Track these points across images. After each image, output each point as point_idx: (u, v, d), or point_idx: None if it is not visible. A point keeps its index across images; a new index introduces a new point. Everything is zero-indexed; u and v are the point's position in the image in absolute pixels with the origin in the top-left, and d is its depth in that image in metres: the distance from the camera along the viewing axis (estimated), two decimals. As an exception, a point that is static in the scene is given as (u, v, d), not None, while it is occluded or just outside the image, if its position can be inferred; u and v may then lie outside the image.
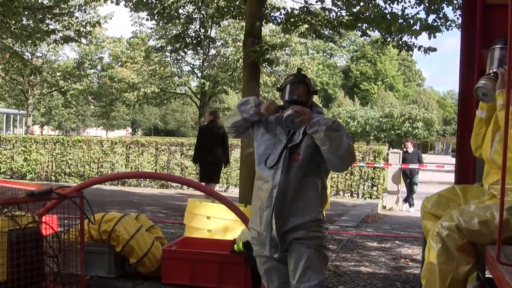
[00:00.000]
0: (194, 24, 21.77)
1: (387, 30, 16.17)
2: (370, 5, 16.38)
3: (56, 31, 23.56)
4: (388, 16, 16.12)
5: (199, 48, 31.80)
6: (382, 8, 16.52)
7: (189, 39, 20.21)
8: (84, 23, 23.93)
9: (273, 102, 5.23)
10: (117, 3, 17.40)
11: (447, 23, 16.95)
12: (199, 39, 20.73)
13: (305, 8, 18.27)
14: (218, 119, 16.22)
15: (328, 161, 4.96)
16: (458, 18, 16.43)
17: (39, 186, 8.10)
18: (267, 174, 5.15)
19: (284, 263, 5.23)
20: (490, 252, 3.75)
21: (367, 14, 16.39)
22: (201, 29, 21.78)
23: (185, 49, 20.77)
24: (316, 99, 55.97)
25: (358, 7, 16.40)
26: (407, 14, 16.26)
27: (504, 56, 4.53)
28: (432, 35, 15.90)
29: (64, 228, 7.53)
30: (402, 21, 15.91)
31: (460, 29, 8.12)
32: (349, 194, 24.67)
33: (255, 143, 5.37)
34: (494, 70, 4.62)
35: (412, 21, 16.00)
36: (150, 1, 19.05)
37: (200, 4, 19.50)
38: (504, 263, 3.21)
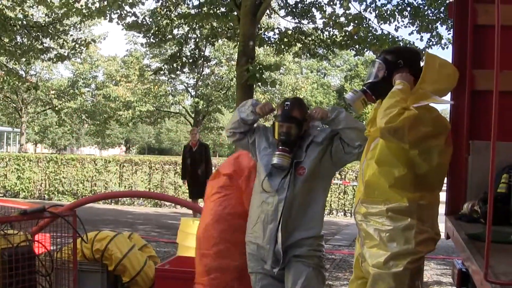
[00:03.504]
0: (189, 44, 21.84)
1: (378, 51, 16.26)
2: (362, 26, 16.48)
3: (51, 49, 23.60)
4: (378, 37, 16.25)
5: (194, 67, 31.89)
6: (373, 30, 16.64)
7: (185, 58, 20.28)
8: (79, 42, 23.92)
9: (268, 103, 5.52)
10: (111, 20, 17.45)
11: (442, 42, 17.08)
12: (195, 58, 20.79)
13: (298, 28, 18.36)
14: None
15: (358, 138, 5.13)
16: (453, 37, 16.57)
17: (32, 204, 8.10)
18: (273, 187, 5.21)
19: (280, 280, 5.26)
20: (478, 269, 3.76)
21: (359, 35, 16.50)
22: (196, 49, 21.87)
23: (183, 69, 20.80)
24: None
25: (349, 27, 16.50)
26: (397, 36, 16.38)
27: (379, 70, 4.65)
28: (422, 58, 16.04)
29: (56, 247, 7.53)
30: (392, 43, 16.01)
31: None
32: (342, 213, 24.67)
33: (257, 155, 5.46)
34: (367, 82, 4.74)
35: (401, 43, 16.11)
36: (144, 22, 19.12)
37: (194, 25, 19.55)
38: (492, 281, 3.22)
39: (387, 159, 4.42)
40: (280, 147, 5.21)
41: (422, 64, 4.67)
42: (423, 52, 16.15)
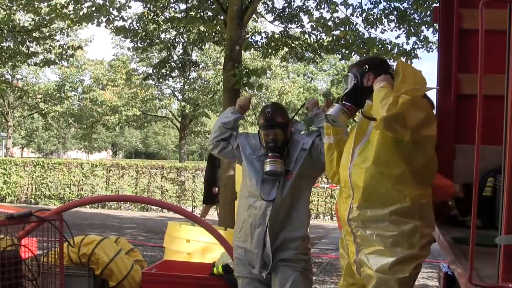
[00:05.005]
0: (177, 48, 21.84)
1: (366, 54, 16.26)
2: (349, 30, 16.51)
3: (37, 53, 23.51)
4: (365, 41, 16.27)
5: (183, 72, 31.90)
6: (360, 34, 16.66)
7: (174, 63, 20.27)
8: (65, 47, 23.82)
9: (244, 97, 5.53)
10: (98, 25, 17.38)
11: (429, 45, 17.11)
12: (183, 63, 20.78)
13: (285, 32, 18.37)
14: None
15: None
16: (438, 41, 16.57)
17: (19, 209, 8.09)
18: (265, 195, 5.22)
19: (267, 285, 5.28)
20: (463, 272, 3.78)
21: (346, 39, 16.51)
22: (184, 53, 21.86)
23: (171, 74, 20.81)
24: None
25: (337, 32, 16.52)
26: (385, 40, 16.41)
27: (350, 82, 4.73)
28: (409, 61, 16.07)
29: (43, 251, 7.51)
30: (380, 46, 16.03)
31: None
32: (329, 217, 24.69)
33: (244, 161, 5.47)
34: (342, 94, 4.80)
35: (390, 47, 16.14)
36: (132, 27, 19.08)
37: (181, 29, 19.53)
38: (476, 284, 3.24)
39: (385, 159, 4.40)
40: (270, 154, 5.23)
41: (389, 68, 4.74)
42: (411, 54, 16.32)
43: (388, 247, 4.33)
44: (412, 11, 16.99)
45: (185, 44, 21.90)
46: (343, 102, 4.68)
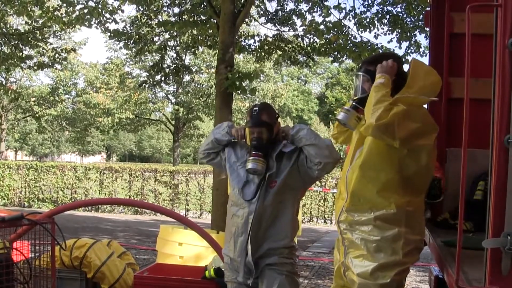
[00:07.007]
0: (170, 52, 21.81)
1: (358, 58, 16.27)
2: (341, 33, 16.50)
3: (31, 57, 23.49)
4: (357, 44, 16.28)
5: (177, 77, 31.87)
6: (352, 37, 16.67)
7: (168, 69, 20.26)
8: (59, 50, 23.81)
9: (244, 128, 5.41)
10: (90, 26, 17.36)
11: (421, 50, 17.13)
12: (177, 68, 20.75)
13: (278, 36, 18.38)
14: None
15: (316, 156, 5.09)
16: (429, 45, 16.58)
17: (11, 212, 8.07)
18: (243, 201, 5.21)
19: (254, 289, 5.28)
20: (451, 275, 3.79)
21: (338, 42, 16.51)
22: (178, 58, 21.84)
23: (166, 80, 20.78)
24: (290, 124, 55.91)
25: (329, 35, 16.52)
26: (376, 44, 16.42)
27: (364, 82, 4.68)
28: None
29: (35, 255, 7.51)
30: (371, 50, 16.04)
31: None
32: (322, 221, 24.72)
33: (228, 169, 5.45)
34: (355, 97, 4.74)
35: (381, 51, 16.14)
36: (125, 30, 19.09)
37: (174, 33, 19.53)
38: (463, 287, 3.25)
39: (373, 164, 4.41)
40: (253, 152, 5.19)
41: (404, 67, 4.69)
42: (403, 59, 16.27)
43: (371, 252, 4.35)
44: (405, 15, 17.02)
45: (177, 49, 21.90)
46: (356, 105, 4.66)
